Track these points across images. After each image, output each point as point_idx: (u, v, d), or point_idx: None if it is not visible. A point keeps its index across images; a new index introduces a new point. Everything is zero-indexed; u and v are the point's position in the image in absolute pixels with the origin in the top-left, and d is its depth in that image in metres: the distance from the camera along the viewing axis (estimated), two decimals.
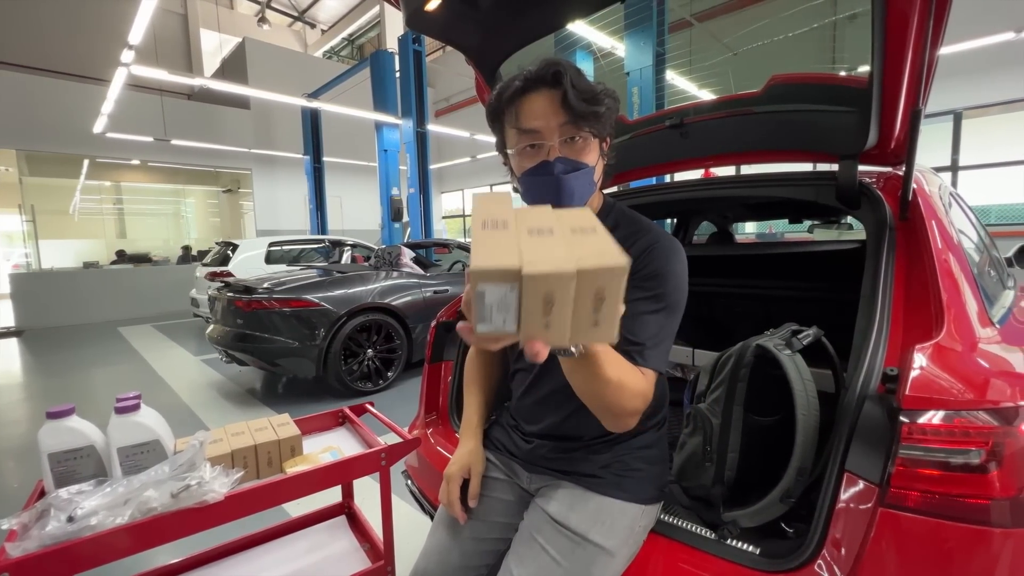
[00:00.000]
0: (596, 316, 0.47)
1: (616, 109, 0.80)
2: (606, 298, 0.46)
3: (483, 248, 0.47)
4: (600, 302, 0.46)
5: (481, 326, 0.48)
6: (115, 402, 0.92)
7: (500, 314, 0.47)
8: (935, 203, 1.09)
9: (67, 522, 0.76)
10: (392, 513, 1.08)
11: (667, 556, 0.86)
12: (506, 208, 0.55)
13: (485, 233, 0.50)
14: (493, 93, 0.81)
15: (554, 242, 0.48)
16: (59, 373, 4.70)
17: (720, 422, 0.94)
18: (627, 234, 0.83)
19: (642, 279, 0.78)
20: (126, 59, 4.44)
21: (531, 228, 0.51)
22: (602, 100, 0.76)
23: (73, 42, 10.23)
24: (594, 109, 0.75)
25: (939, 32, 0.86)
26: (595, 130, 0.77)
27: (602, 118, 0.77)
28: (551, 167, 0.76)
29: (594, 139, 0.78)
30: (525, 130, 0.77)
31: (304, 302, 3.43)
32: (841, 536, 0.71)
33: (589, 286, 0.45)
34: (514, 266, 0.44)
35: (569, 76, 0.74)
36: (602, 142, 0.81)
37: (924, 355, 0.73)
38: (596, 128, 0.77)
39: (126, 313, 8.09)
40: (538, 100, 0.76)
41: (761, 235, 8.40)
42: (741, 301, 1.81)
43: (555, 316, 0.46)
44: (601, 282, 0.45)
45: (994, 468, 0.63)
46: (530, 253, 0.46)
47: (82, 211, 10.83)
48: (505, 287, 0.45)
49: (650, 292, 0.77)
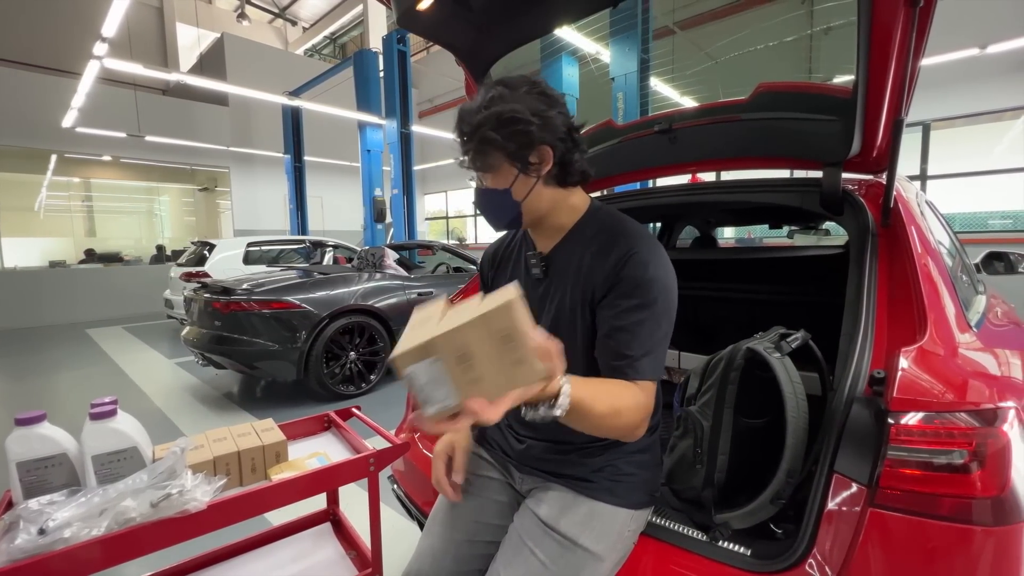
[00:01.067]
0: (515, 355, 0.51)
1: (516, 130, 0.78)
2: (513, 336, 0.50)
3: (402, 340, 0.56)
4: (509, 340, 0.50)
5: (428, 408, 0.53)
6: (90, 407, 0.88)
7: (438, 389, 0.52)
8: (914, 210, 1.12)
9: (38, 534, 0.72)
10: (380, 519, 1.06)
11: (659, 558, 0.87)
12: (435, 309, 0.65)
13: (407, 330, 0.60)
14: None
15: (461, 315, 0.55)
16: (22, 377, 4.49)
17: (711, 424, 0.95)
18: (604, 244, 0.83)
19: (622, 291, 0.78)
20: (99, 52, 4.29)
21: (449, 314, 0.59)
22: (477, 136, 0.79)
23: (41, 33, 9.84)
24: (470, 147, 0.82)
25: (921, 43, 0.89)
26: (484, 164, 0.82)
27: (482, 153, 0.81)
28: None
29: (489, 171, 0.82)
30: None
31: (285, 304, 3.36)
32: (831, 536, 0.72)
33: (491, 330, 0.51)
34: (423, 340, 0.51)
35: (458, 119, 0.82)
36: (518, 162, 0.80)
37: (909, 358, 0.75)
38: (485, 162, 0.82)
39: (95, 314, 7.80)
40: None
41: (740, 240, 8.57)
42: (726, 305, 1.84)
43: (479, 369, 0.51)
44: (500, 323, 0.50)
45: (979, 468, 0.65)
46: (438, 328, 0.53)
47: (48, 208, 10.39)
48: (426, 362, 0.52)
49: (633, 302, 0.77)
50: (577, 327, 0.85)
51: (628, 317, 0.77)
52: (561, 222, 0.89)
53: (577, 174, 0.86)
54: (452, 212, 14.74)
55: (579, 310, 0.84)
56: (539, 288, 0.91)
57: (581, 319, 0.84)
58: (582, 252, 0.86)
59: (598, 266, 0.82)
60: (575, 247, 0.87)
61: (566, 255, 0.88)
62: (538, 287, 0.91)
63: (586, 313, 0.84)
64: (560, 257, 0.89)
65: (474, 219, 13.91)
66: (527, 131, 0.78)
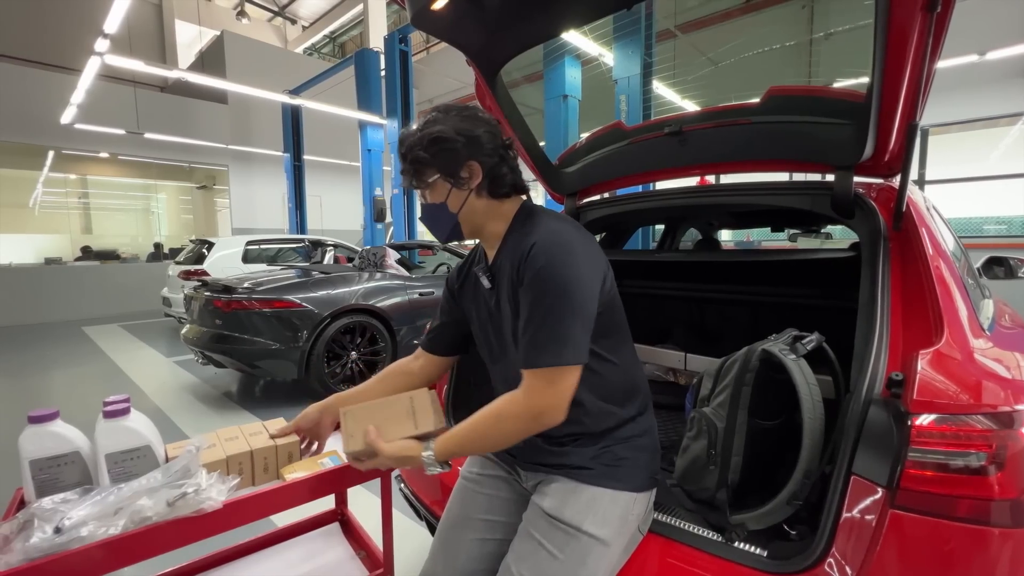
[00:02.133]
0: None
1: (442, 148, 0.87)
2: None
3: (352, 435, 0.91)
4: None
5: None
6: (103, 405, 0.87)
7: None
8: (925, 214, 1.13)
9: (54, 533, 0.72)
10: (392, 518, 1.06)
11: (674, 559, 0.87)
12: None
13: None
14: None
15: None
16: (18, 375, 4.45)
17: (725, 426, 0.95)
18: (515, 242, 0.89)
19: (526, 287, 0.82)
20: (100, 48, 4.27)
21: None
22: (409, 158, 0.90)
23: (41, 29, 9.77)
24: (404, 166, 0.91)
25: (937, 48, 0.89)
26: (417, 182, 0.92)
27: (418, 174, 0.90)
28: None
29: (425, 187, 0.91)
30: None
31: (286, 303, 3.34)
32: (850, 538, 0.73)
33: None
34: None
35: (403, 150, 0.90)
36: (451, 177, 0.88)
37: (927, 361, 0.76)
38: (416, 182, 0.92)
39: (91, 312, 7.75)
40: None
41: (739, 243, 8.60)
42: (731, 307, 1.85)
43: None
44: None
45: (998, 470, 0.66)
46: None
47: (44, 205, 10.31)
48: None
49: (531, 295, 0.81)
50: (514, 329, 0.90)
51: (528, 312, 0.81)
52: (497, 231, 0.94)
53: (507, 186, 0.92)
54: None
55: (511, 312, 0.89)
56: (492, 299, 0.95)
57: (515, 320, 0.88)
58: (511, 256, 0.89)
59: (513, 268, 0.87)
60: (508, 253, 0.91)
61: (502, 262, 0.92)
62: (491, 298, 0.96)
63: (516, 314, 0.88)
64: (499, 265, 0.93)
65: None
66: (453, 149, 0.87)
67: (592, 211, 1.72)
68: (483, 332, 1.00)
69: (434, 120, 0.89)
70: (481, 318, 0.99)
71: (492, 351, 0.99)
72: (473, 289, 1.01)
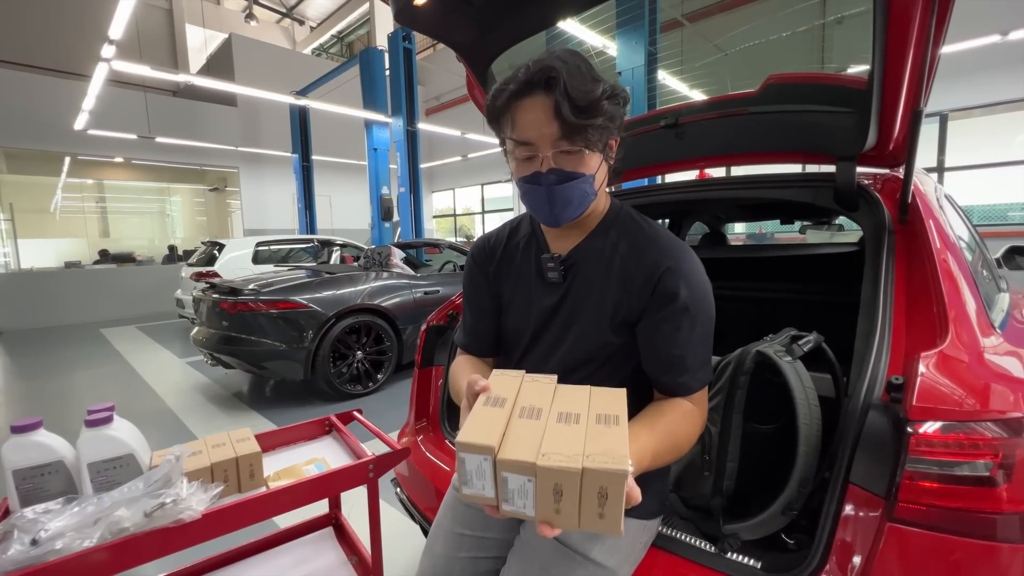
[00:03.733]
0: (601, 510, 0.50)
1: (621, 110, 0.75)
2: (609, 497, 0.49)
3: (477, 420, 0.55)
4: (604, 499, 0.49)
5: (465, 488, 0.54)
6: (86, 414, 0.87)
7: (521, 498, 0.52)
8: (933, 205, 1.07)
9: (31, 545, 0.71)
10: (380, 526, 1.04)
11: (668, 571, 0.83)
12: (531, 389, 0.63)
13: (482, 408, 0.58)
14: (489, 95, 0.77)
15: (566, 435, 0.54)
16: (38, 377, 4.57)
17: (719, 430, 0.92)
18: (632, 253, 0.79)
19: (662, 308, 0.74)
20: (107, 54, 4.33)
21: (560, 413, 0.58)
22: (599, 110, 0.70)
23: (54, 37, 9.98)
24: (588, 122, 0.69)
25: (941, 30, 0.84)
26: (589, 143, 0.71)
27: (598, 129, 0.71)
28: (541, 179, 0.73)
29: (587, 152, 0.73)
30: (517, 141, 0.74)
31: (291, 304, 3.36)
32: (846, 550, 0.69)
33: (591, 483, 0.49)
34: (527, 459, 0.50)
35: (563, 83, 0.67)
36: (606, 145, 0.76)
37: (930, 363, 0.71)
38: (592, 140, 0.71)
39: (109, 314, 7.92)
40: (531, 109, 0.71)
41: (751, 236, 8.45)
42: (736, 304, 1.80)
43: (565, 505, 0.51)
44: (603, 482, 0.49)
45: (1005, 481, 0.61)
46: (545, 447, 0.51)
47: (63, 209, 10.58)
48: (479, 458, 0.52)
49: (675, 320, 0.74)
50: (604, 339, 0.80)
51: (674, 336, 0.74)
52: (586, 221, 0.83)
53: (618, 167, 0.82)
54: (460, 209, 14.73)
55: (607, 323, 0.79)
56: (555, 294, 0.84)
57: (612, 333, 0.79)
58: (608, 260, 0.80)
59: (629, 279, 0.77)
60: (598, 252, 0.81)
61: (588, 261, 0.82)
62: (553, 292, 0.85)
63: (616, 326, 0.79)
64: (581, 262, 0.82)
65: (481, 216, 13.88)
66: (616, 121, 0.74)
67: None
68: (529, 325, 0.87)
69: (586, 67, 0.71)
70: (533, 311, 0.86)
71: (534, 346, 0.87)
72: (522, 274, 0.89)
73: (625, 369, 0.82)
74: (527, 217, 0.92)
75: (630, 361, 0.81)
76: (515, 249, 0.91)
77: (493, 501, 0.54)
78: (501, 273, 0.92)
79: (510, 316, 0.91)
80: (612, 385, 0.77)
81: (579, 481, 0.49)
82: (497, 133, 0.80)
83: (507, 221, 0.97)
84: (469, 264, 0.96)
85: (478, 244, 0.96)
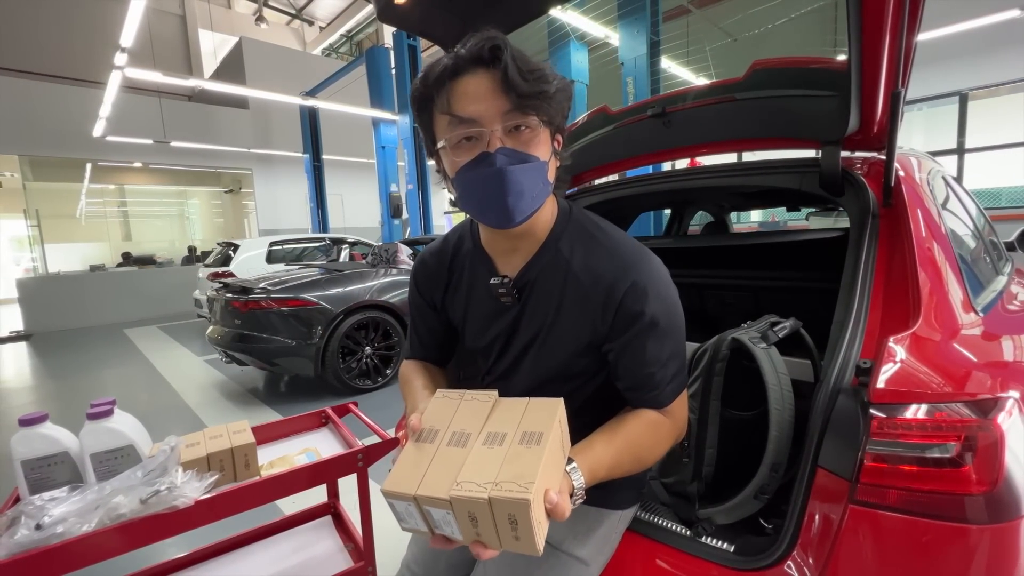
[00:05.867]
0: (516, 533, 0.52)
1: (568, 96, 0.68)
2: (519, 523, 0.51)
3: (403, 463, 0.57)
4: (515, 524, 0.51)
5: (401, 524, 0.58)
6: (88, 408, 0.92)
7: (447, 526, 0.55)
8: (921, 189, 1.06)
9: (35, 530, 0.76)
10: (371, 514, 1.08)
11: (643, 554, 0.85)
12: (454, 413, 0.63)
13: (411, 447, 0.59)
14: (417, 77, 0.67)
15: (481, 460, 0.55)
16: (65, 376, 4.75)
17: (697, 417, 0.93)
18: (590, 265, 0.71)
19: (628, 326, 0.69)
20: (119, 62, 4.44)
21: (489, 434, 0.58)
22: (550, 78, 0.63)
23: (71, 46, 10.26)
24: (542, 88, 0.62)
25: (917, 9, 0.83)
26: (545, 116, 0.64)
27: (552, 100, 0.64)
28: (491, 158, 0.62)
29: (544, 128, 0.66)
30: (460, 118, 0.63)
31: (301, 301, 3.43)
32: (813, 534, 0.70)
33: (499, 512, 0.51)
34: (439, 495, 0.52)
35: (510, 50, 0.61)
36: (553, 138, 0.69)
37: (899, 346, 0.71)
38: (546, 113, 0.64)
39: (132, 315, 8.18)
40: (473, 82, 0.62)
41: (764, 223, 8.31)
42: (732, 292, 1.79)
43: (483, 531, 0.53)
44: (510, 510, 0.50)
45: (967, 462, 0.61)
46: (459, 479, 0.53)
47: (87, 214, 10.92)
48: (404, 502, 0.55)
49: (644, 334, 0.69)
50: (568, 361, 0.76)
51: (642, 355, 0.69)
52: (535, 228, 0.73)
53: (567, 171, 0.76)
54: None
55: (571, 348, 0.74)
56: (510, 314, 0.78)
57: (576, 356, 0.75)
58: (563, 281, 0.73)
59: (587, 301, 0.71)
60: (552, 270, 0.74)
61: (541, 281, 0.74)
62: (505, 314, 0.78)
63: (580, 350, 0.74)
64: (533, 282, 0.75)
65: None
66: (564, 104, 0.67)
67: (581, 199, 1.68)
68: (491, 347, 0.82)
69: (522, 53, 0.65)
70: (491, 333, 0.81)
71: (498, 365, 0.83)
72: (467, 299, 0.82)
73: (600, 377, 0.79)
74: (467, 230, 0.83)
75: (604, 371, 0.78)
76: (461, 270, 0.83)
77: (428, 532, 0.57)
78: (448, 301, 0.85)
79: (467, 337, 0.85)
80: (589, 393, 0.79)
81: (489, 509, 0.51)
82: (426, 126, 0.70)
83: (446, 235, 0.88)
84: (412, 288, 0.89)
85: (418, 268, 0.87)
